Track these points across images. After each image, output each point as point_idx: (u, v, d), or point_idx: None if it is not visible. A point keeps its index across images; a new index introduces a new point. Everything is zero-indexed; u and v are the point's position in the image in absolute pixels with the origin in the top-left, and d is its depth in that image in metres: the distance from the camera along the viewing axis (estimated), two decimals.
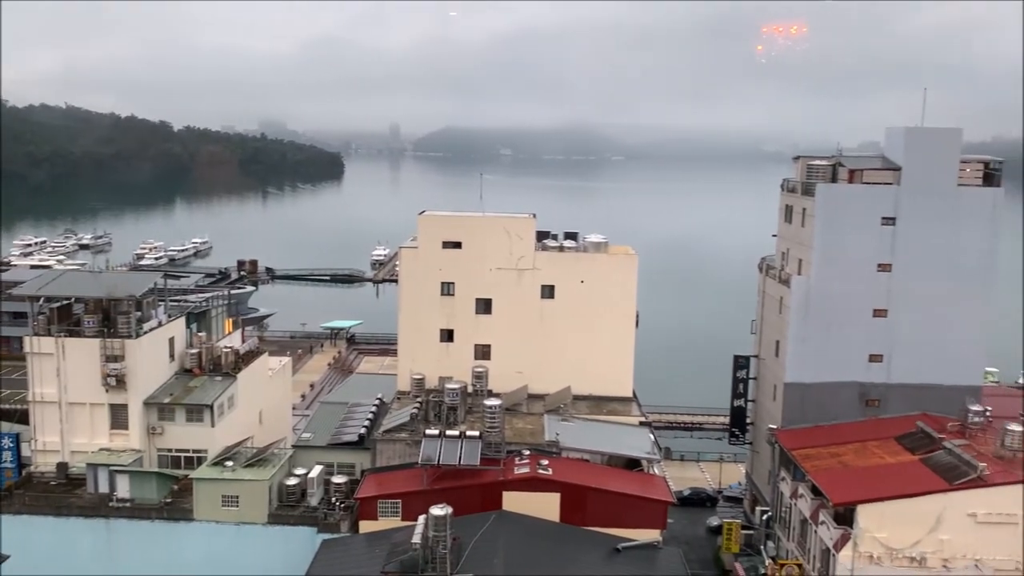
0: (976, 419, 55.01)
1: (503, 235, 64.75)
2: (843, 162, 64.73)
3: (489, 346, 65.44)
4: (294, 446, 58.26)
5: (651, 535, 47.84)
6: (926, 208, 62.33)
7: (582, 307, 64.66)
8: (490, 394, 58.91)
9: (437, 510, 40.94)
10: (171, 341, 59.84)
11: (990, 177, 63.83)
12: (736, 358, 72.85)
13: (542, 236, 68.42)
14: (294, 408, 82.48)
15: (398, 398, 64.00)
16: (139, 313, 57.12)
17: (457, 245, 65.33)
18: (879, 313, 63.56)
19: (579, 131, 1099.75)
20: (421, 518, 41.80)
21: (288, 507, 51.46)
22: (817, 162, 65.40)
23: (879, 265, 63.29)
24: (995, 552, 46.57)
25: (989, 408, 57.01)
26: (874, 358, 63.98)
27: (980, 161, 64.34)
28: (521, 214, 67.76)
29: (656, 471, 54.61)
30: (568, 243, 68.11)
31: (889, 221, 62.88)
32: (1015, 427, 51.40)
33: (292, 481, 52.27)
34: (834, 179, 64.30)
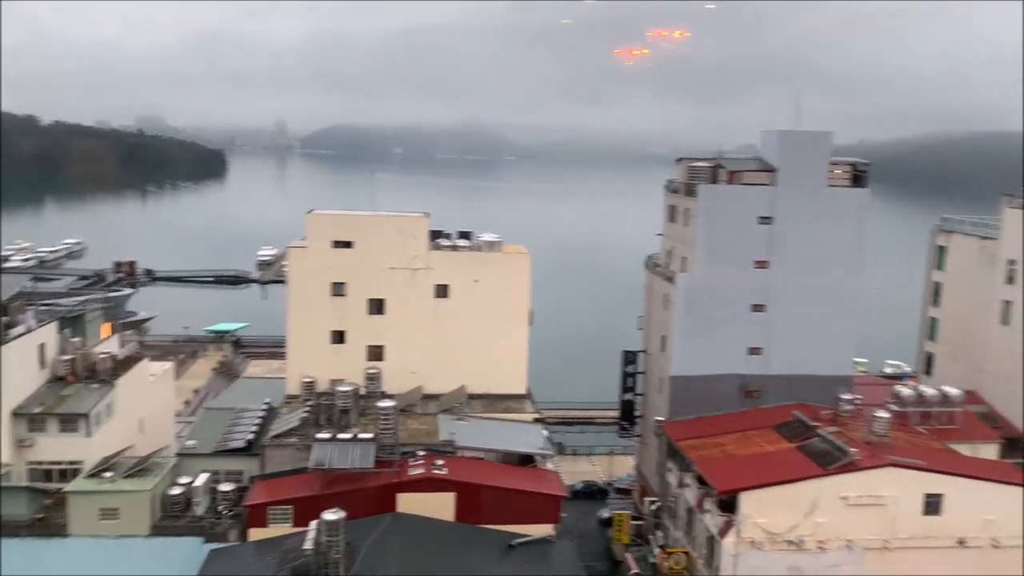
0: (847, 407, 58.29)
1: (396, 234, 64.23)
2: (723, 164, 67.37)
3: (382, 347, 64.79)
4: (178, 454, 56.05)
5: (545, 529, 48.50)
6: (799, 208, 65.62)
7: (476, 306, 64.88)
8: (383, 395, 58.32)
9: (330, 515, 40.26)
10: (41, 347, 56.50)
11: (858, 178, 67.79)
12: (625, 353, 74.74)
13: (436, 235, 68.24)
14: (177, 415, 79.30)
15: (287, 402, 62.52)
16: (6, 318, 53.64)
17: (348, 245, 64.34)
18: (757, 308, 66.54)
19: (473, 130, 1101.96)
20: (313, 523, 41.00)
21: (172, 517, 49.44)
22: (699, 164, 67.84)
23: (757, 262, 66.22)
24: (865, 532, 49.50)
25: (859, 396, 60.58)
26: (753, 351, 66.91)
27: (848, 163, 68.27)
28: (414, 213, 67.38)
29: (549, 466, 55.40)
30: (462, 242, 68.20)
31: (766, 220, 65.88)
32: (882, 414, 54.84)
33: (176, 491, 50.26)
34: (715, 180, 66.84)
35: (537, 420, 62.51)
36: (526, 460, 55.22)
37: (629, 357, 74.48)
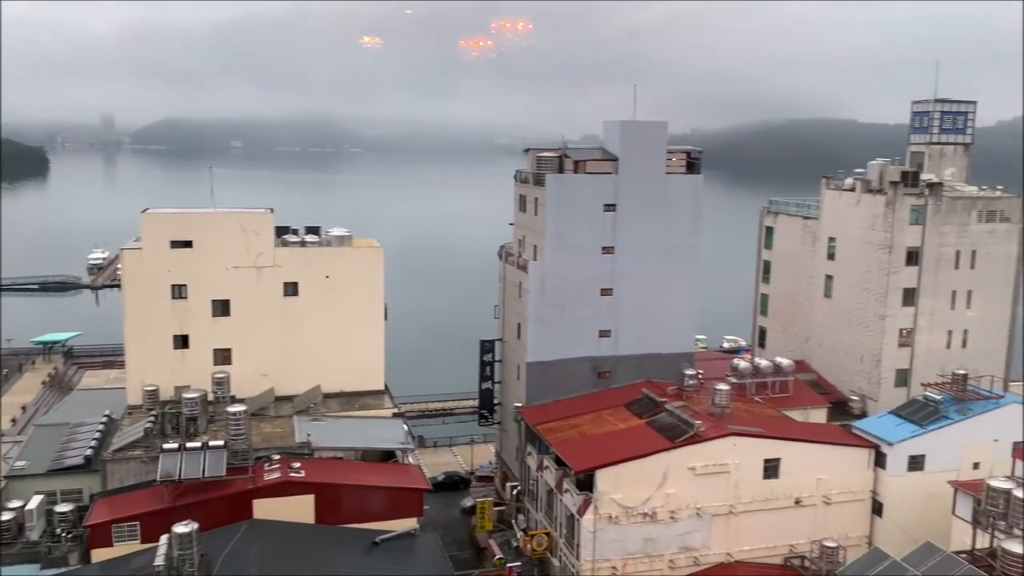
0: (691, 382, 61.49)
1: (238, 232, 61.82)
2: (568, 154, 69.11)
3: (230, 350, 62.33)
4: (5, 477, 51.74)
5: (409, 524, 48.36)
6: (641, 195, 68.37)
7: (328, 303, 63.58)
8: (233, 400, 56.20)
9: (181, 527, 38.42)
10: None
11: (692, 165, 71.34)
12: (482, 343, 75.46)
13: (282, 231, 66.22)
14: (3, 435, 73.11)
15: (129, 413, 59.03)
16: None
17: (187, 244, 61.35)
18: (606, 292, 68.90)
19: (315, 122, 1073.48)
20: (163, 538, 39.02)
21: (4, 545, 45.66)
22: (545, 154, 69.29)
23: (604, 248, 68.49)
24: (711, 499, 52.48)
25: (701, 371, 64.07)
26: (603, 333, 69.28)
27: (683, 151, 71.73)
28: (257, 209, 65.05)
29: (411, 460, 55.22)
30: (310, 238, 66.51)
31: (611, 208, 68.23)
32: (722, 386, 58.22)
33: (6, 516, 46.44)
34: (561, 170, 68.51)
35: (396, 415, 62.12)
36: (387, 456, 54.80)
37: (486, 346, 75.28)
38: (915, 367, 72.54)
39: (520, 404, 65.81)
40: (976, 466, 54.91)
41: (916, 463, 55.26)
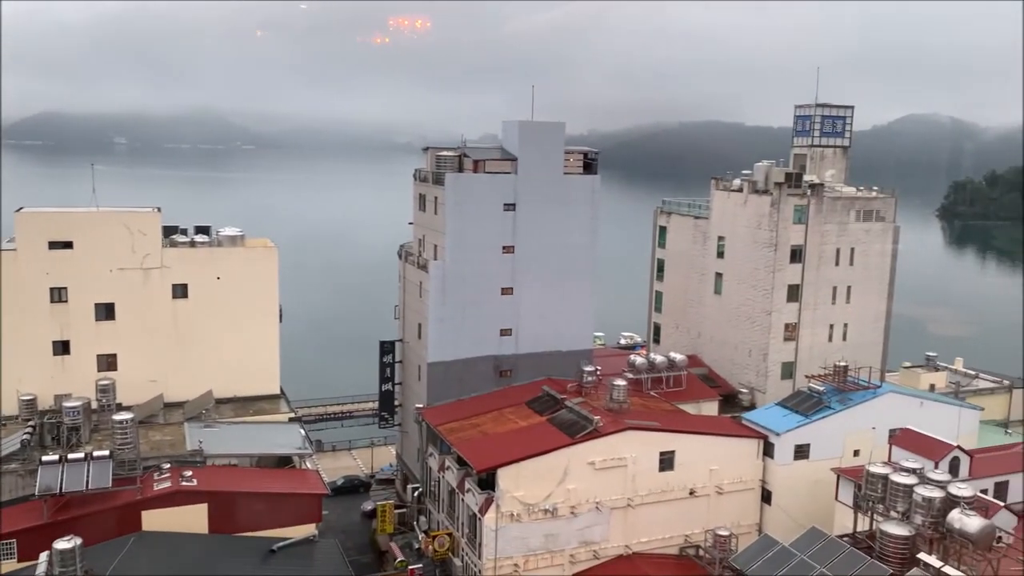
0: (589, 378, 62.44)
1: (123, 232, 59.07)
2: (468, 153, 69.17)
3: (115, 355, 59.53)
4: None
5: (307, 530, 47.38)
6: (539, 195, 69.10)
7: (220, 305, 61.54)
8: (119, 408, 53.68)
9: (63, 543, 36.43)
10: None
11: (589, 166, 72.61)
12: (381, 343, 74.63)
13: (170, 231, 63.67)
14: None
15: (3, 424, 55.51)
16: None
17: (68, 245, 58.22)
18: (506, 291, 69.33)
19: (206, 119, 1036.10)
20: (43, 555, 36.92)
21: None
22: (444, 153, 69.13)
23: (504, 247, 68.91)
24: (610, 493, 53.46)
25: (599, 368, 65.17)
26: (504, 332, 69.69)
27: (581, 152, 72.90)
28: (144, 208, 62.31)
29: (308, 465, 54.06)
30: (200, 238, 64.16)
31: (510, 207, 68.68)
32: (619, 382, 59.38)
33: None
34: (460, 169, 68.50)
35: (293, 419, 60.73)
36: (284, 461, 53.48)
37: (386, 347, 74.48)
38: (800, 360, 75.98)
39: (421, 405, 65.41)
40: (856, 453, 57.89)
41: (802, 452, 57.84)
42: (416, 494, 64.19)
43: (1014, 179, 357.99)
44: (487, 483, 52.17)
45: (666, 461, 54.81)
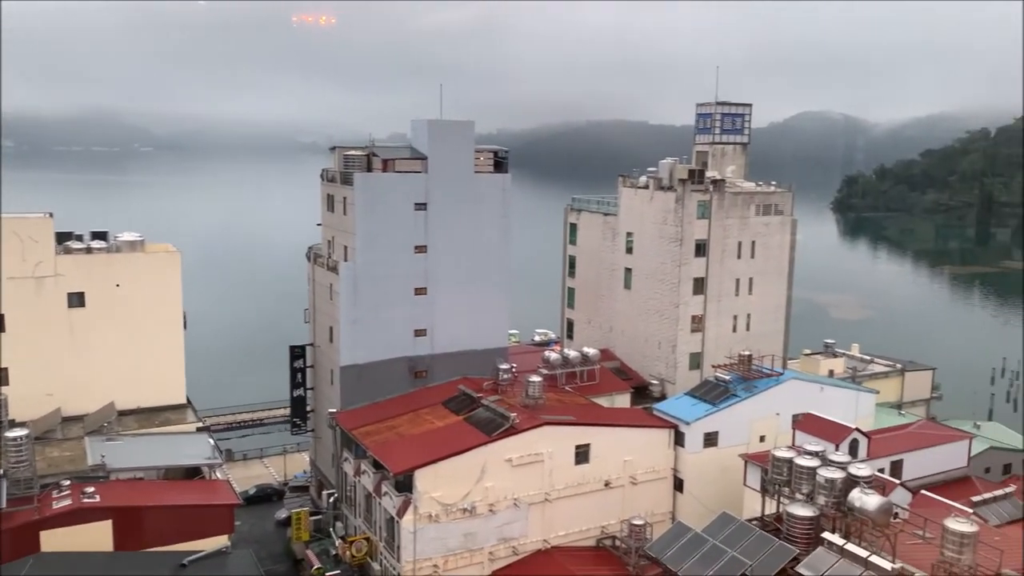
0: (505, 376, 62.77)
1: (12, 239, 56.00)
2: (376, 152, 68.48)
3: (6, 369, 56.40)
4: None
5: (219, 542, 45.99)
6: (450, 194, 69.00)
7: (120, 313, 59.06)
8: (12, 424, 50.87)
9: None
10: None
11: (500, 164, 72.95)
12: (292, 348, 73.19)
13: (64, 238, 60.68)
14: None
15: None
16: None
17: None
18: (420, 291, 68.97)
19: (100, 120, 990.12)
20: None
21: None
22: (352, 152, 68.24)
23: (416, 247, 68.53)
24: (528, 489, 53.90)
25: (515, 365, 65.56)
26: (419, 333, 69.31)
27: (491, 151, 73.16)
28: (34, 213, 59.22)
29: (219, 475, 52.50)
30: (97, 244, 61.40)
31: (421, 207, 68.34)
32: (534, 378, 59.95)
33: None
34: (369, 168, 67.75)
35: (201, 429, 58.86)
36: (193, 472, 51.80)
37: (296, 352, 73.05)
38: (706, 350, 78.20)
39: (335, 409, 64.46)
40: (762, 439, 60.04)
41: (711, 439, 59.61)
42: (332, 500, 63.25)
43: (901, 173, 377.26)
44: (404, 485, 51.83)
45: (582, 454, 55.61)
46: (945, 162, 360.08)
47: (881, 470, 51.99)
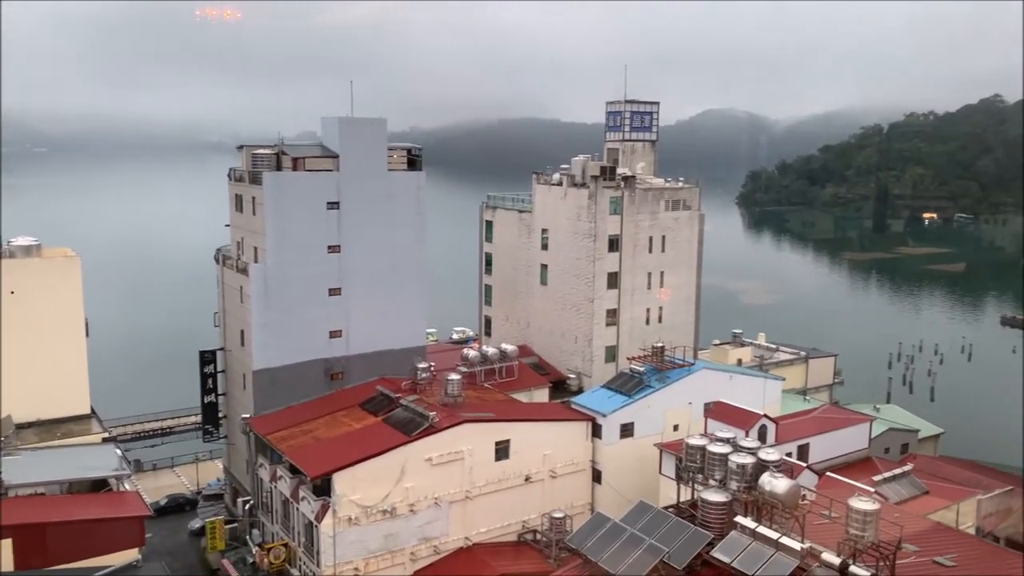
0: (424, 375, 62.50)
1: None
2: (286, 150, 67.11)
3: None
4: None
5: (130, 556, 44.45)
6: (364, 192, 68.20)
7: (16, 322, 56.17)
8: None
9: None
10: None
11: (413, 162, 72.52)
12: (202, 353, 71.11)
13: None
14: None
15: None
16: None
17: None
18: (334, 292, 67.95)
19: None
20: None
21: None
22: (261, 151, 66.70)
23: (329, 247, 67.48)
24: (448, 487, 53.88)
25: (433, 364, 65.37)
26: (334, 334, 68.30)
27: (404, 148, 72.62)
28: None
29: (127, 487, 50.61)
30: None
31: (334, 205, 67.32)
32: (453, 376, 59.90)
33: None
34: (279, 167, 66.34)
35: (107, 440, 56.60)
36: (100, 485, 49.78)
37: (207, 357, 70.98)
38: (621, 343, 79.70)
39: (248, 415, 62.99)
40: (676, 428, 61.60)
41: (627, 430, 60.79)
42: (247, 507, 61.81)
43: (802, 168, 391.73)
44: (322, 489, 51.08)
45: (501, 450, 55.91)
46: (842, 157, 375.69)
47: (789, 454, 54.01)
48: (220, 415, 71.86)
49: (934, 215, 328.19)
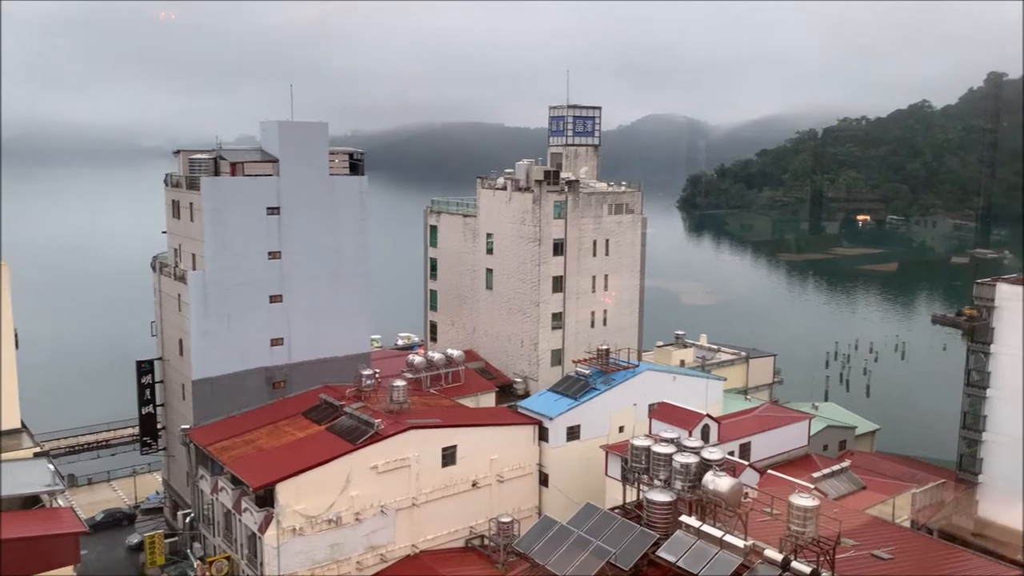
0: (368, 382, 61.84)
1: None
2: (224, 155, 65.89)
3: None
4: None
5: (64, 574, 42.96)
6: (305, 197, 67.33)
7: None
8: None
9: None
10: None
11: (355, 167, 71.89)
12: (139, 363, 69.37)
13: None
14: None
15: None
16: None
17: None
18: (275, 299, 66.90)
19: None
20: None
21: None
22: (199, 156, 65.39)
23: (270, 253, 66.46)
24: (395, 495, 53.36)
25: (378, 370, 64.74)
26: (276, 342, 67.21)
27: (346, 152, 71.97)
28: None
29: (61, 502, 48.92)
30: None
31: (274, 211, 66.31)
32: (399, 383, 59.35)
33: None
34: (217, 172, 65.12)
35: (40, 454, 54.62)
36: (32, 502, 48.03)
37: (144, 367, 69.21)
38: (567, 346, 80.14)
39: (188, 426, 61.50)
40: (621, 429, 62.11)
41: (573, 433, 61.06)
42: (188, 520, 60.36)
43: (740, 172, 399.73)
44: (266, 500, 50.14)
45: (448, 456, 55.62)
46: (778, 161, 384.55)
47: (731, 453, 54.91)
48: (159, 427, 70.13)
49: (867, 217, 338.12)
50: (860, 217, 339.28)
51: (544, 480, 60.54)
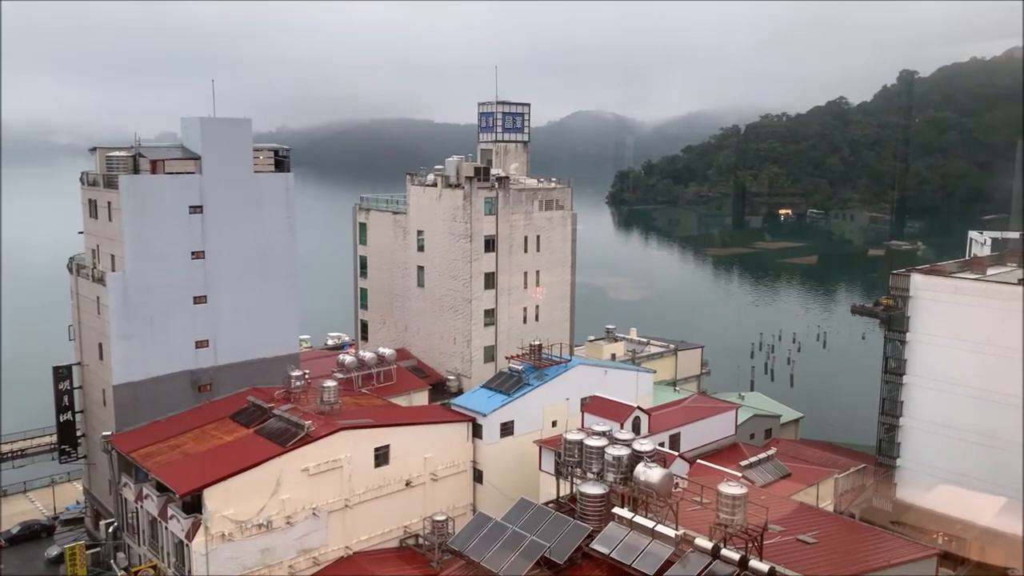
0: (298, 383, 60.77)
1: None
2: (143, 153, 63.85)
3: None
4: None
5: None
6: (229, 195, 65.75)
7: None
8: None
9: None
10: None
11: (281, 164, 70.54)
12: (56, 369, 66.72)
13: None
14: None
15: None
16: None
17: None
18: (199, 300, 65.20)
19: None
20: None
21: None
22: (117, 153, 63.25)
23: (193, 253, 64.75)
24: (327, 497, 52.58)
25: (307, 371, 63.71)
26: (200, 344, 65.53)
27: (271, 149, 70.53)
28: None
29: None
30: None
31: (197, 210, 64.59)
32: (329, 383, 58.52)
33: None
34: (136, 170, 63.09)
35: None
36: None
37: (61, 373, 66.59)
38: (500, 343, 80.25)
39: (109, 432, 59.44)
40: (555, 424, 62.50)
41: (507, 429, 61.18)
42: (111, 530, 58.38)
43: (666, 168, 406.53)
44: (193, 506, 48.86)
45: (381, 456, 55.11)
46: (703, 157, 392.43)
47: (662, 444, 55.85)
48: (78, 434, 67.64)
49: (789, 211, 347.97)
50: (782, 211, 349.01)
51: (479, 477, 60.52)
